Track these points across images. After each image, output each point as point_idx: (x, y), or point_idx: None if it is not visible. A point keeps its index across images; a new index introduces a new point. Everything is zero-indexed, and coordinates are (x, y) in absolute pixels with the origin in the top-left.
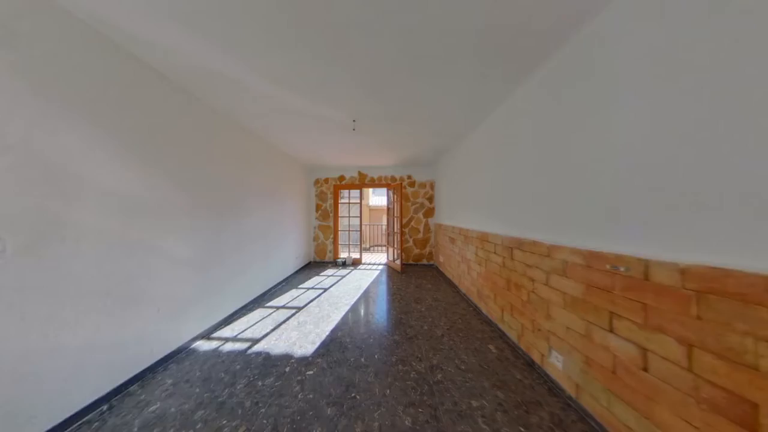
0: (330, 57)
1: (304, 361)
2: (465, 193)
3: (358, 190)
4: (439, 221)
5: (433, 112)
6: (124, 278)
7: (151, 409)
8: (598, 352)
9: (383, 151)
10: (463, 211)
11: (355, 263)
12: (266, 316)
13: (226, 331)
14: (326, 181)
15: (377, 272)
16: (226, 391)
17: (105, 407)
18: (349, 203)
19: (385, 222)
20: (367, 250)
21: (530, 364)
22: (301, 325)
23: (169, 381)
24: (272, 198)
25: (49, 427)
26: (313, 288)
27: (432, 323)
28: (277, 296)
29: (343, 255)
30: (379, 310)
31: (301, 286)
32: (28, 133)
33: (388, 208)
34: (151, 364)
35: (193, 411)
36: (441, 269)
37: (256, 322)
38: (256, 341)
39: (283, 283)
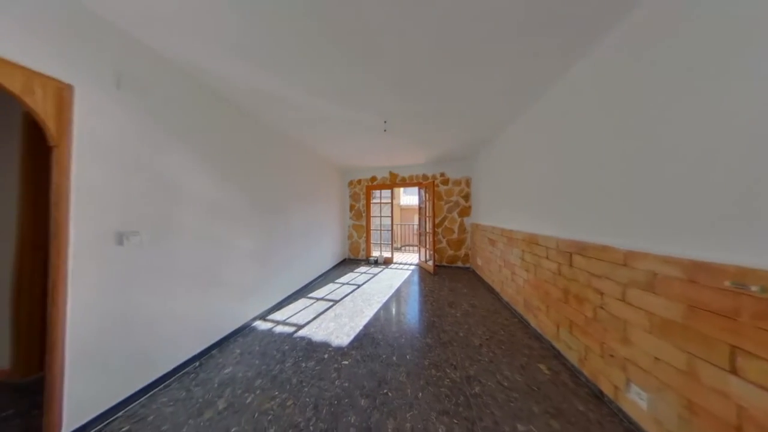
0: (361, 63)
1: (340, 351)
2: (507, 190)
3: (389, 190)
4: (477, 221)
5: (468, 104)
6: (208, 265)
7: (226, 371)
8: (709, 398)
9: (414, 149)
10: (506, 210)
11: (387, 262)
12: (308, 306)
13: (277, 315)
14: (359, 182)
15: (408, 272)
16: (278, 366)
17: (197, 364)
18: (380, 203)
19: (416, 222)
20: (399, 249)
21: (597, 396)
22: (337, 317)
23: (238, 351)
24: (312, 200)
25: (165, 372)
26: (347, 284)
27: (468, 330)
28: (317, 289)
29: (375, 254)
30: (411, 311)
31: (337, 281)
32: (153, 157)
33: (420, 208)
34: (225, 335)
35: (254, 379)
36: (479, 273)
37: (300, 311)
38: (300, 327)
39: (321, 278)
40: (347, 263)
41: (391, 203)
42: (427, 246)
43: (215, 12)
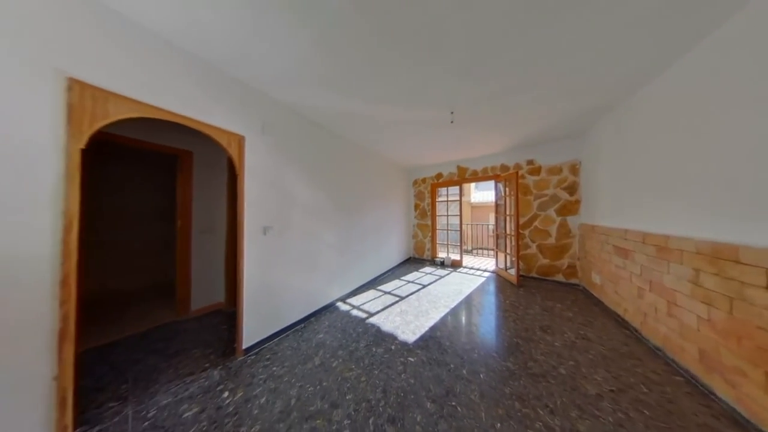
0: (426, 59)
1: (406, 347)
2: (662, 171)
3: (457, 187)
4: (591, 221)
5: (579, 59)
6: (308, 253)
7: (319, 336)
8: None
9: (488, 137)
10: (654, 203)
11: (455, 265)
12: (377, 298)
13: (353, 300)
14: (423, 180)
15: (482, 279)
16: (353, 344)
17: (303, 325)
18: (447, 201)
19: (492, 221)
20: (469, 252)
21: None
22: (403, 314)
23: (326, 323)
24: (381, 200)
25: (286, 325)
26: (412, 282)
27: (576, 370)
28: (385, 283)
29: (441, 255)
30: (485, 324)
31: (402, 278)
32: (278, 176)
33: (497, 205)
34: (319, 308)
35: (337, 349)
36: (595, 294)
37: (371, 300)
38: (371, 315)
39: (389, 273)
40: (412, 262)
41: (460, 201)
42: (509, 251)
43: (309, 59)
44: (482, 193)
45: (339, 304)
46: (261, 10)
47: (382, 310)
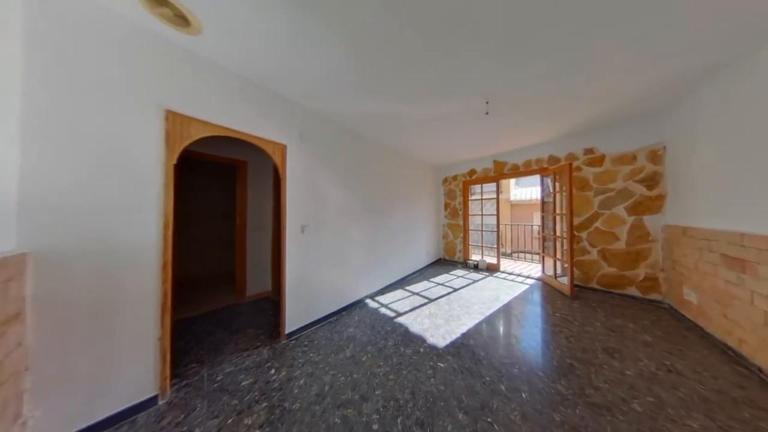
0: (459, 47)
1: (435, 351)
2: None
3: (494, 183)
4: (683, 222)
5: (667, 15)
6: (339, 250)
7: (349, 330)
8: None
9: (532, 125)
10: None
11: (491, 269)
12: (405, 298)
13: (381, 299)
14: (454, 178)
15: (524, 287)
16: (382, 342)
17: (335, 318)
18: (481, 199)
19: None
20: (508, 255)
21: None
22: (432, 317)
23: (356, 318)
24: (408, 200)
25: (319, 317)
26: (442, 284)
27: (657, 408)
28: (413, 284)
29: (475, 257)
30: (528, 338)
31: (431, 279)
32: (313, 179)
33: (544, 202)
34: (349, 303)
35: (366, 344)
36: (689, 316)
37: (399, 300)
38: (399, 314)
39: (416, 274)
40: (442, 264)
41: (497, 199)
42: (559, 256)
43: (340, 67)
44: (524, 190)
45: (368, 301)
46: (300, 32)
47: (411, 310)
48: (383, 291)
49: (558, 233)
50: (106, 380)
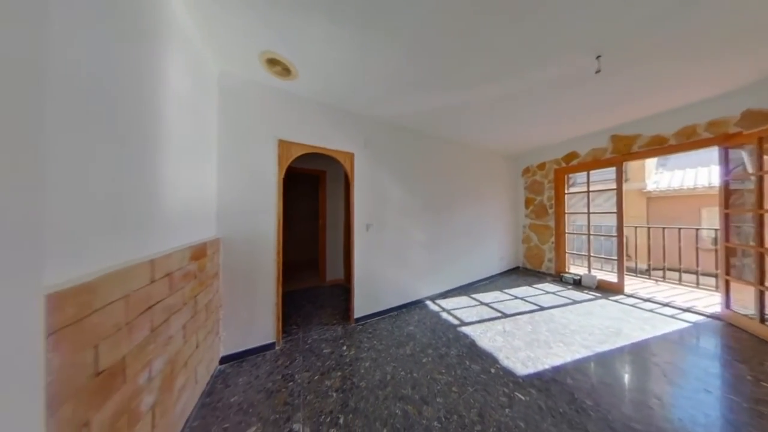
0: None
1: (511, 377)
2: None
3: (612, 168)
4: None
5: None
6: (399, 249)
7: (410, 328)
8: None
9: (694, 70)
10: None
11: (606, 288)
12: (470, 306)
13: (443, 303)
14: (541, 167)
15: (679, 325)
16: (444, 349)
17: (396, 313)
18: (588, 191)
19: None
20: (643, 273)
21: None
22: (507, 334)
23: (416, 317)
24: (474, 197)
25: (381, 309)
26: (521, 299)
27: None
28: (480, 292)
29: (577, 270)
30: (687, 405)
31: (506, 290)
32: (375, 180)
33: (729, 191)
34: (408, 302)
35: (427, 346)
36: None
37: (463, 307)
38: (463, 323)
39: (486, 282)
40: (521, 273)
41: (618, 190)
42: None
43: (401, 69)
44: (678, 174)
45: (428, 302)
46: (364, 46)
47: (478, 322)
48: (445, 295)
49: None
50: (251, 324)
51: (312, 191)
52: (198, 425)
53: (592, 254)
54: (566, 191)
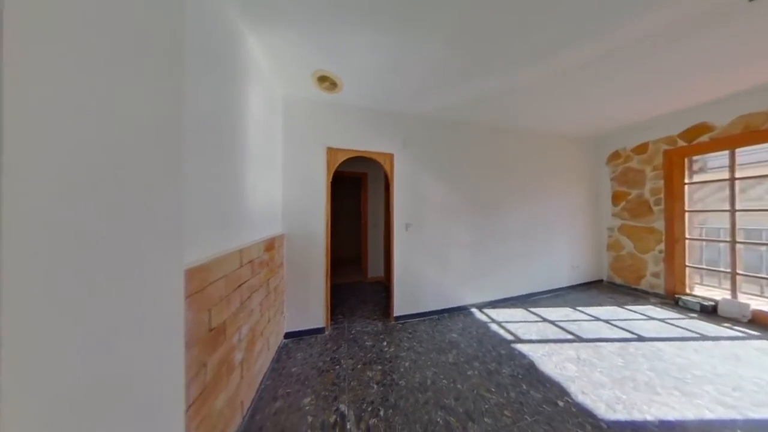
0: None
1: (590, 419)
2: None
3: None
4: None
5: None
6: (441, 249)
7: (452, 335)
8: None
9: None
10: None
11: (763, 323)
12: (529, 321)
13: (492, 313)
14: (639, 149)
15: None
16: (493, 365)
17: (436, 317)
18: (732, 179)
19: None
20: None
21: None
22: (582, 363)
23: (460, 325)
24: (533, 192)
25: (421, 311)
26: (605, 321)
27: None
28: (542, 306)
29: (706, 292)
30: None
31: (580, 308)
32: (415, 180)
33: None
34: (450, 307)
35: (472, 358)
36: None
37: (517, 321)
38: (518, 340)
39: (550, 295)
40: (604, 289)
41: None
42: None
43: (444, 59)
44: None
45: (473, 310)
46: (403, 45)
47: (539, 342)
48: (494, 304)
49: None
50: (306, 308)
51: (355, 192)
52: (270, 385)
53: (739, 271)
54: (686, 181)
